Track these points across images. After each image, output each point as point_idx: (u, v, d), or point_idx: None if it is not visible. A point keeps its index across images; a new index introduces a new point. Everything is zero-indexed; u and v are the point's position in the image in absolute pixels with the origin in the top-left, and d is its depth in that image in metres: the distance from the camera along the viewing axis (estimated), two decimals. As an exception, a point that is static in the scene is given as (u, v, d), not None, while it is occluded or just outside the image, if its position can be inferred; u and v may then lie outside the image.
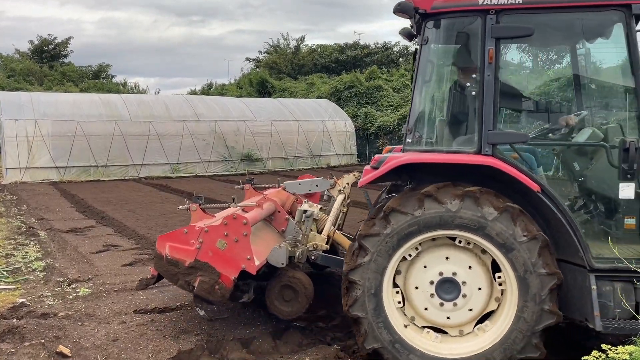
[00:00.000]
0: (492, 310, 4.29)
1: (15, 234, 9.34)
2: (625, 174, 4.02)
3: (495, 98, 4.14)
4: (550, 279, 3.96)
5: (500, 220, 3.98)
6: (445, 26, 4.37)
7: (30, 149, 17.85)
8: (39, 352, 4.31)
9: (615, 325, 3.93)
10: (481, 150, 4.11)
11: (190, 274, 4.58)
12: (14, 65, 40.99)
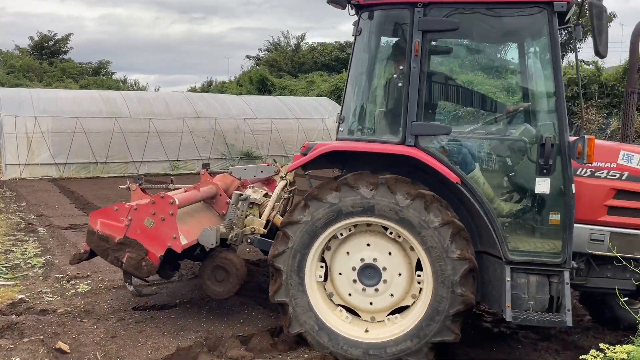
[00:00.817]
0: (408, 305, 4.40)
1: (15, 230, 9.33)
2: (541, 169, 4.11)
3: (420, 90, 4.25)
4: (463, 264, 4.05)
5: (413, 206, 4.10)
6: (377, 18, 4.49)
7: (29, 145, 17.83)
8: (38, 348, 4.31)
9: (524, 317, 4.05)
10: (405, 140, 4.25)
11: (120, 250, 4.80)
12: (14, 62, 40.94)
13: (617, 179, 4.34)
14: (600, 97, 19.16)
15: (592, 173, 4.38)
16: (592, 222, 4.33)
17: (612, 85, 18.93)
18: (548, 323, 4.05)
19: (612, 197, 4.32)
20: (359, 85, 4.76)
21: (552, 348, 4.75)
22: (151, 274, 4.90)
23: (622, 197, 4.31)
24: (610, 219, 4.32)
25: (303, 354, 4.48)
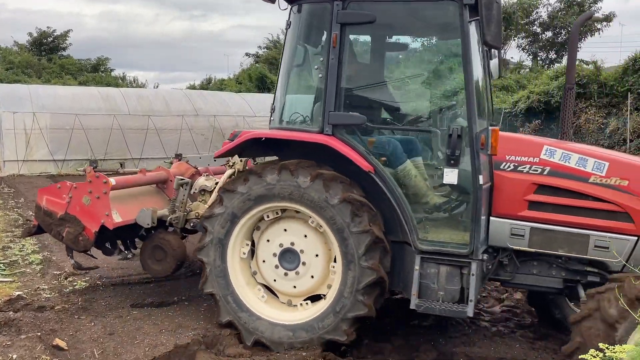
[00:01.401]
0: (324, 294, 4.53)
1: (13, 227, 9.32)
2: (449, 160, 4.16)
3: (338, 81, 4.38)
4: (365, 236, 4.16)
5: (313, 186, 4.25)
6: (304, 11, 4.64)
7: (28, 141, 17.80)
8: (36, 345, 4.30)
9: (427, 305, 4.15)
10: (323, 129, 4.37)
11: (61, 225, 5.15)
12: (13, 58, 40.86)
13: (538, 174, 4.29)
14: (599, 96, 19.17)
15: (515, 167, 4.36)
16: (513, 216, 4.32)
17: (612, 85, 18.93)
18: (449, 313, 4.13)
19: (533, 192, 4.29)
20: (288, 77, 4.88)
21: (550, 347, 4.75)
22: (87, 249, 5.26)
23: (543, 192, 4.28)
24: (530, 214, 4.29)
25: (301, 352, 4.48)
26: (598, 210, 4.16)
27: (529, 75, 27.56)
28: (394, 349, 4.67)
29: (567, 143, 4.74)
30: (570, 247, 4.21)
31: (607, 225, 4.13)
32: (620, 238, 4.09)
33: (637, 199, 4.07)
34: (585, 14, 4.57)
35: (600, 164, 4.19)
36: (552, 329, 5.19)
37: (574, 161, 4.25)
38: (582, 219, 4.18)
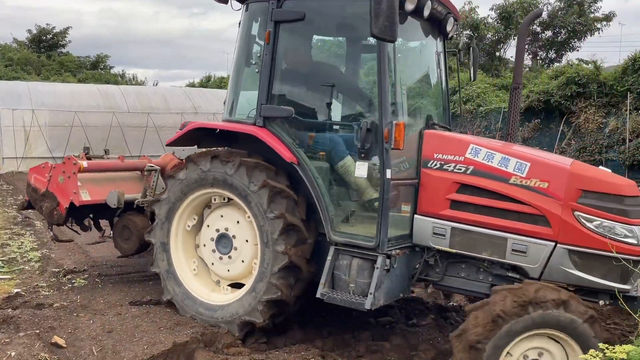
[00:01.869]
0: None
1: (11, 224, 9.31)
2: (360, 153, 4.26)
3: (270, 76, 4.64)
4: (279, 222, 4.35)
5: (238, 173, 4.53)
6: (250, 10, 4.95)
7: (27, 138, 17.77)
8: (34, 343, 4.29)
9: (329, 295, 4.25)
10: (256, 121, 4.66)
11: (42, 200, 5.84)
12: (12, 55, 40.77)
13: (462, 173, 4.20)
14: (598, 96, 19.16)
15: (441, 166, 4.30)
16: (436, 215, 4.27)
17: (611, 85, 18.93)
18: (349, 304, 4.18)
19: (455, 191, 4.22)
20: (237, 72, 5.14)
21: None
22: (60, 222, 5.85)
23: (465, 191, 4.20)
24: (452, 214, 4.22)
25: (300, 350, 4.48)
26: (517, 213, 4.02)
27: (529, 75, 27.55)
28: (392, 348, 4.67)
29: (497, 142, 4.71)
30: (489, 250, 4.11)
31: (524, 228, 3.98)
32: (537, 243, 3.95)
33: (555, 203, 3.89)
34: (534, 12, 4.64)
35: (522, 164, 4.05)
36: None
37: (496, 161, 4.12)
38: (501, 221, 4.06)
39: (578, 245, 3.83)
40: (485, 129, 22.64)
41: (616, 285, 3.76)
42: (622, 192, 3.81)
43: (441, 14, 4.83)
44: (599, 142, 18.61)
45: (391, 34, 3.87)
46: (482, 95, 23.52)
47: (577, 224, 3.83)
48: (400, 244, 4.36)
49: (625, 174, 18.03)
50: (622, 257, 3.70)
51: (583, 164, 4.28)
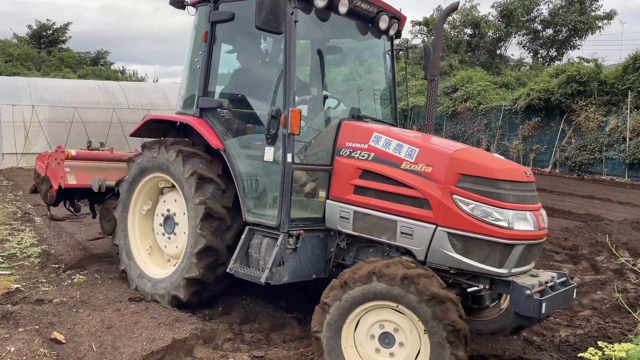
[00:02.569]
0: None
1: (11, 220, 9.31)
2: (267, 139, 4.66)
3: (207, 71, 5.16)
4: (201, 208, 4.74)
5: (176, 161, 4.95)
6: (198, 13, 5.45)
7: (27, 134, 17.76)
8: (33, 338, 4.29)
9: (236, 270, 4.64)
10: (195, 113, 5.18)
11: (42, 184, 6.73)
12: (12, 50, 40.72)
13: (364, 160, 4.40)
14: (599, 94, 19.14)
15: (350, 153, 4.51)
16: (343, 200, 4.49)
17: (612, 84, 18.90)
18: (249, 278, 4.55)
19: (358, 177, 4.42)
20: (187, 69, 5.65)
21: (547, 341, 4.76)
22: (52, 202, 6.69)
23: (366, 177, 4.38)
24: (355, 198, 4.41)
25: (299, 347, 4.48)
26: (405, 197, 4.16)
27: (529, 73, 27.52)
28: (392, 345, 4.66)
29: (404, 131, 4.86)
30: (384, 233, 4.28)
31: (411, 212, 4.11)
32: (421, 225, 4.05)
33: (437, 187, 3.99)
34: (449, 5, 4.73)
35: (412, 150, 4.20)
36: (549, 327, 5.20)
37: (392, 147, 4.31)
38: (393, 205, 4.21)
39: (456, 229, 3.90)
40: (485, 127, 22.62)
41: (492, 269, 3.84)
42: (496, 176, 3.89)
43: (370, 12, 5.03)
44: (599, 140, 18.61)
45: (275, 26, 4.18)
46: (482, 93, 23.50)
47: (455, 207, 3.90)
48: (310, 226, 4.60)
49: (625, 173, 18.01)
50: (495, 241, 3.78)
51: (471, 150, 4.35)
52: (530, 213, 3.91)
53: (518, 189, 3.95)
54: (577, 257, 7.74)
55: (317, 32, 5.12)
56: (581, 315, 5.53)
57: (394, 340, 3.68)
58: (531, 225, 3.88)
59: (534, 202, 4.03)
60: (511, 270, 3.86)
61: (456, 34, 32.85)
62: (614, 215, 10.94)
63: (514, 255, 3.81)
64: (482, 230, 3.80)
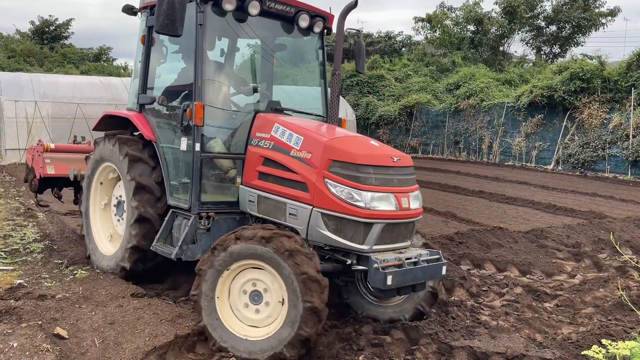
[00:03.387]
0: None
1: (14, 215, 9.33)
2: (181, 130, 5.09)
3: (144, 70, 5.69)
4: (132, 184, 5.36)
5: (115, 149, 5.58)
6: (142, 18, 5.88)
7: (29, 130, 17.79)
8: (36, 334, 4.30)
9: (156, 247, 5.25)
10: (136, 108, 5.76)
11: (29, 173, 7.65)
12: (15, 46, 40.74)
13: (267, 148, 4.82)
14: (602, 92, 19.08)
15: (257, 142, 4.95)
16: (250, 185, 4.94)
17: (615, 81, 18.84)
18: (164, 254, 5.16)
19: (261, 164, 4.85)
20: (134, 69, 6.15)
21: (549, 338, 4.75)
22: (36, 190, 7.55)
23: (267, 164, 4.81)
24: (258, 183, 4.86)
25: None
26: (291, 181, 4.58)
27: (532, 70, 27.44)
28: (393, 342, 4.67)
29: (303, 121, 5.22)
30: (277, 215, 4.71)
31: (295, 194, 4.54)
32: (302, 207, 4.48)
33: (313, 171, 4.42)
34: (349, 3, 4.93)
35: (299, 138, 4.62)
36: (552, 325, 5.19)
37: (286, 136, 4.72)
38: (284, 189, 4.65)
39: (327, 209, 4.35)
40: (488, 124, 22.58)
41: (356, 246, 4.30)
42: (358, 161, 4.32)
43: (288, 12, 5.39)
44: (602, 137, 18.56)
45: (173, 30, 4.60)
46: (485, 90, 23.43)
47: (326, 190, 4.34)
48: (225, 209, 5.14)
49: (628, 170, 17.97)
50: (356, 220, 4.25)
51: (347, 138, 4.81)
52: (393, 195, 4.34)
53: (381, 172, 4.38)
54: (579, 254, 7.72)
55: (240, 32, 5.51)
56: (584, 313, 5.52)
57: (262, 298, 4.19)
58: (391, 206, 4.32)
59: (401, 185, 4.45)
60: (372, 246, 4.30)
61: (459, 31, 32.76)
62: (616, 213, 10.92)
63: (373, 233, 4.28)
64: (346, 211, 4.26)
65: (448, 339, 4.68)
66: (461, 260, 7.18)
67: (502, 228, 8.77)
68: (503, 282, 6.47)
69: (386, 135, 26.10)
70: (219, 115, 5.40)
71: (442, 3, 33.13)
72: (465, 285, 6.19)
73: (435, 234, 8.50)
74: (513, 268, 7.04)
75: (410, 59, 33.30)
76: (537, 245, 8.02)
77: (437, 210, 10.73)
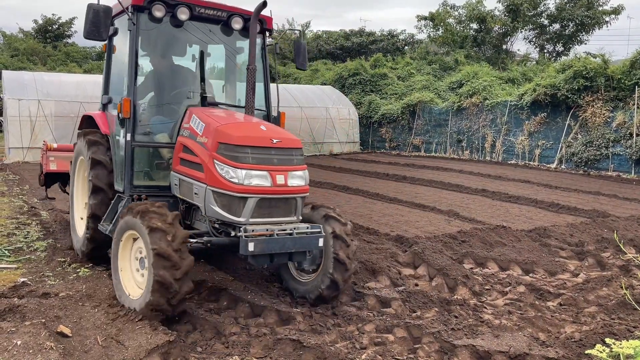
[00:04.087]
0: None
1: (18, 214, 9.35)
2: (120, 123, 5.70)
3: (106, 74, 6.47)
4: (90, 161, 6.06)
5: (85, 147, 6.24)
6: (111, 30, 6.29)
7: (33, 128, 17.81)
8: (40, 331, 4.31)
9: (100, 225, 5.91)
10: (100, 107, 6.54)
11: (40, 170, 8.68)
12: (18, 45, 40.81)
13: (185, 136, 5.35)
14: (606, 90, 19.01)
15: (183, 132, 5.45)
16: (175, 170, 5.48)
17: (619, 79, 18.77)
18: (103, 229, 5.83)
19: (182, 151, 5.36)
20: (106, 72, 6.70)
21: (553, 337, 4.75)
22: (42, 184, 8.62)
23: (185, 150, 5.31)
24: (179, 168, 5.39)
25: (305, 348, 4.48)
26: (195, 164, 5.11)
27: (536, 68, 27.35)
28: (396, 341, 4.67)
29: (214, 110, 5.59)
30: (189, 195, 5.25)
31: (197, 175, 5.09)
32: (200, 186, 5.03)
33: (207, 154, 4.95)
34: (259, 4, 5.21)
35: (202, 125, 5.17)
36: (555, 324, 5.18)
37: (196, 124, 5.25)
38: (192, 171, 5.18)
39: (215, 187, 4.87)
40: (491, 123, 22.54)
41: (235, 218, 4.84)
42: (235, 142, 4.84)
43: (220, 16, 5.82)
44: (605, 136, 18.49)
45: (98, 35, 5.35)
46: (488, 89, 23.37)
47: (214, 170, 4.88)
48: (157, 192, 5.72)
49: (632, 169, 17.91)
50: (233, 195, 4.79)
51: (237, 123, 5.27)
52: (269, 172, 4.84)
53: (259, 152, 4.87)
54: (583, 253, 7.70)
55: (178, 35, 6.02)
56: (587, 312, 5.51)
57: (145, 264, 4.71)
58: (266, 182, 4.82)
59: (280, 164, 4.93)
60: (248, 219, 4.82)
61: (462, 29, 32.69)
62: (620, 212, 10.88)
63: (248, 207, 4.80)
64: (226, 187, 4.80)
65: (451, 338, 4.68)
66: (464, 259, 7.17)
67: (505, 227, 8.75)
68: (506, 280, 6.46)
69: (389, 133, 26.05)
70: (162, 110, 6.05)
71: (445, 1, 32.95)
72: (468, 284, 6.18)
73: (438, 232, 8.49)
74: (516, 267, 7.03)
75: (413, 57, 33.23)
76: (540, 244, 8.00)
77: (440, 209, 10.71)
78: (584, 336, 4.73)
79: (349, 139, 25.57)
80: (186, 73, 6.35)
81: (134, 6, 5.47)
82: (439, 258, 6.79)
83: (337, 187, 13.74)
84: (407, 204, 11.49)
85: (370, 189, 13.20)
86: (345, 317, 5.16)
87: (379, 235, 8.20)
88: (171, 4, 5.51)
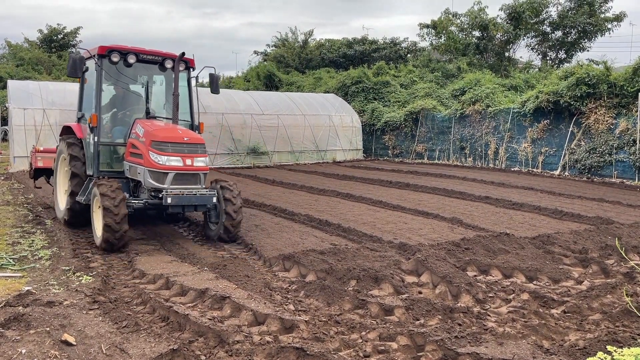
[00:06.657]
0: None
1: (22, 222, 9.39)
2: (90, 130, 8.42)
3: (80, 98, 9.36)
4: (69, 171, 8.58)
5: (65, 147, 8.80)
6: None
7: (38, 137, 17.90)
8: (44, 340, 4.33)
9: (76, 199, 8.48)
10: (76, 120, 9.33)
11: (30, 167, 11.35)
12: (23, 54, 41.06)
13: (133, 138, 8.14)
14: (609, 97, 19.01)
15: (131, 135, 8.28)
16: (127, 160, 8.27)
17: (621, 86, 18.76)
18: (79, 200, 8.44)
19: (131, 148, 8.13)
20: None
21: (557, 344, 4.73)
22: (32, 177, 11.27)
23: (132, 147, 8.10)
24: (130, 159, 8.18)
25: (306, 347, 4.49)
26: (138, 154, 7.91)
27: (538, 75, 27.38)
28: (399, 348, 4.67)
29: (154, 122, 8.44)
30: (135, 175, 8.06)
31: (139, 161, 7.91)
32: (141, 167, 7.86)
33: (145, 148, 7.75)
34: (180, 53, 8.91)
35: (142, 130, 7.96)
36: (559, 331, 5.17)
37: (139, 130, 8.08)
38: (136, 159, 8.00)
39: (150, 167, 7.70)
40: (494, 130, 22.54)
41: (161, 186, 7.70)
42: (159, 140, 7.70)
43: (157, 59, 8.69)
44: (609, 143, 18.47)
45: (75, 74, 8.04)
46: (490, 96, 23.40)
47: (149, 157, 7.69)
48: (117, 175, 8.38)
49: (635, 175, 17.87)
50: (159, 171, 7.69)
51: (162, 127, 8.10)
52: (181, 157, 7.72)
53: (175, 146, 7.74)
54: (586, 260, 7.68)
55: (129, 73, 8.79)
56: (591, 320, 5.49)
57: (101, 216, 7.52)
58: (180, 163, 7.71)
59: (189, 153, 7.81)
60: (169, 186, 7.67)
61: (464, 37, 32.78)
62: (624, 218, 10.85)
63: (169, 178, 7.69)
64: (156, 167, 7.65)
65: (454, 345, 4.67)
66: (467, 266, 7.17)
67: (508, 234, 8.74)
68: (509, 288, 6.45)
69: (392, 141, 26.09)
70: (119, 121, 8.89)
71: (447, 9, 33.09)
72: (471, 291, 6.18)
73: (441, 240, 8.48)
74: (519, 274, 7.01)
75: (416, 65, 33.31)
76: (544, 251, 7.99)
77: (443, 216, 10.70)
78: (588, 344, 4.72)
79: (352, 146, 25.58)
80: (136, 96, 9.13)
81: (98, 55, 8.37)
82: (443, 265, 6.79)
83: (341, 194, 13.75)
84: (411, 211, 11.49)
85: (373, 197, 13.21)
86: (349, 325, 5.16)
87: (382, 242, 8.21)
88: (123, 52, 8.40)
